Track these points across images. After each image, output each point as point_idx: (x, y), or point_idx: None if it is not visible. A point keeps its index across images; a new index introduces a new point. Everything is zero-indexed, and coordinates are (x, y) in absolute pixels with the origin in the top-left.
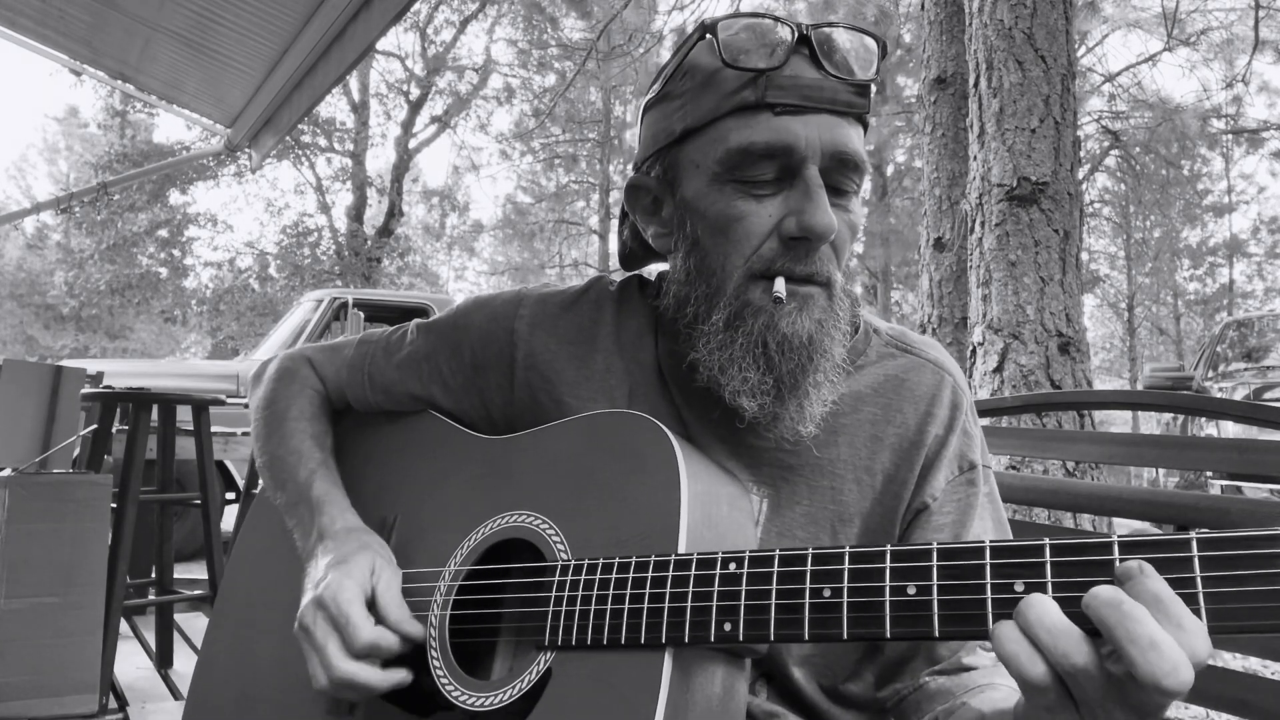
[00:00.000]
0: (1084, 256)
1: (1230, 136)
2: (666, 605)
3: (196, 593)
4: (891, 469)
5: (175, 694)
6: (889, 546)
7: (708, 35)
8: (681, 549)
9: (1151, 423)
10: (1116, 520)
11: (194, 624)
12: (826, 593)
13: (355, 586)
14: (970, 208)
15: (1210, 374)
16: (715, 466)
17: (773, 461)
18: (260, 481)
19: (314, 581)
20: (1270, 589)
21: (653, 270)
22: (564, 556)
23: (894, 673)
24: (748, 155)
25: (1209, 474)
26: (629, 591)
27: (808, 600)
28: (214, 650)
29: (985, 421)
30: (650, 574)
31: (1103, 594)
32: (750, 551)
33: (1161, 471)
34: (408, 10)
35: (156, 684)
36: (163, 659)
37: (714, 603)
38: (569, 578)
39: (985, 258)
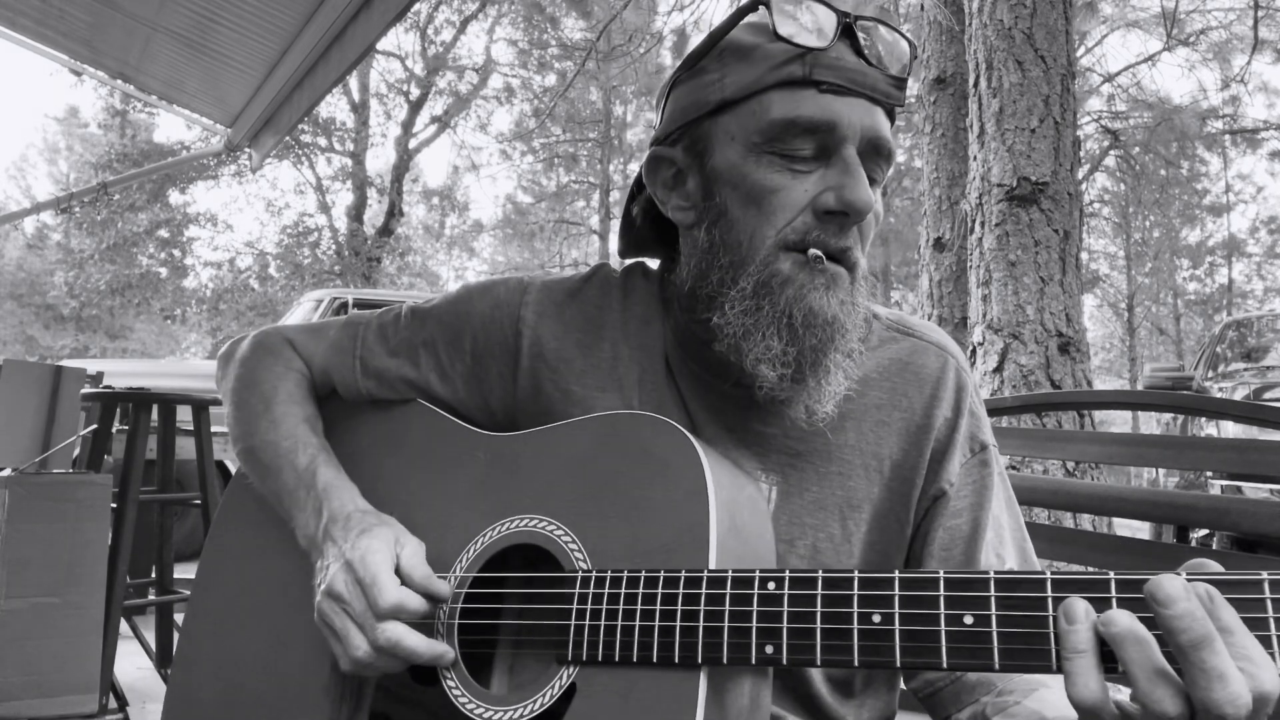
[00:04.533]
0: (1084, 256)
1: (1229, 136)
2: (701, 624)
3: None
4: (899, 455)
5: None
6: (942, 573)
7: (760, 8)
8: (712, 562)
9: (1151, 423)
10: (1116, 520)
11: None
12: (876, 618)
13: (385, 550)
14: (970, 208)
15: (1210, 374)
16: (734, 468)
17: (781, 449)
18: (242, 466)
19: (340, 554)
20: None
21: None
22: (583, 566)
23: None
24: (792, 127)
25: (1209, 474)
26: (659, 608)
27: (856, 626)
28: (193, 649)
29: None
30: (682, 590)
31: (1187, 616)
32: (790, 572)
33: (1161, 471)
34: (408, 10)
35: (156, 684)
36: (163, 659)
37: (754, 624)
38: (592, 590)
39: (985, 258)
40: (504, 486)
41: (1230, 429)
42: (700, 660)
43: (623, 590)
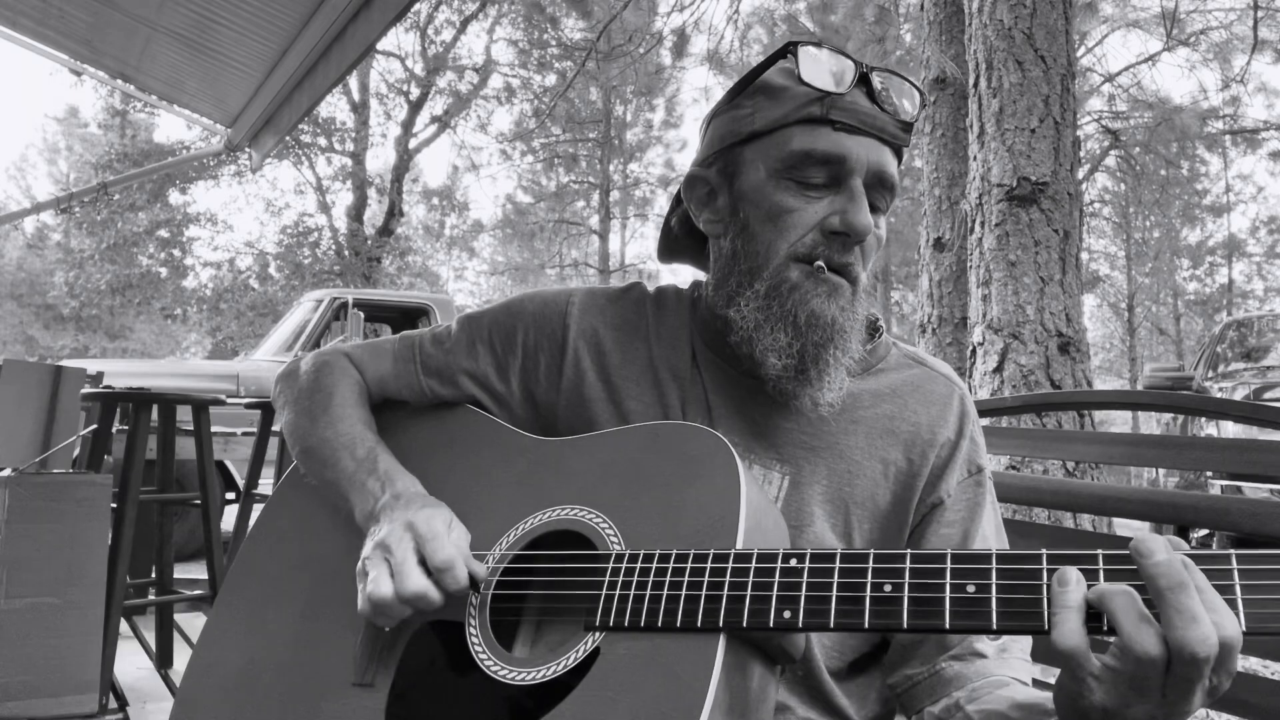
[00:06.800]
0: (1084, 256)
1: (1229, 136)
2: (726, 592)
3: (196, 593)
4: (903, 462)
5: (175, 694)
6: (949, 551)
7: (789, 55)
8: (739, 547)
9: (1151, 423)
10: (1117, 520)
11: (194, 624)
12: (888, 587)
13: (443, 521)
14: (970, 208)
15: (1210, 374)
16: (764, 491)
17: (796, 442)
18: (300, 466)
19: (400, 517)
20: None
21: (684, 280)
22: (617, 548)
23: (905, 658)
24: (808, 158)
25: (1209, 474)
26: (687, 579)
27: (869, 594)
28: (220, 628)
29: (985, 421)
30: (710, 564)
31: (1166, 564)
32: (812, 549)
33: (1161, 471)
34: (408, 10)
35: (156, 684)
36: (163, 659)
37: (774, 592)
38: (624, 565)
39: (985, 258)
40: (547, 483)
41: (1230, 429)
42: (721, 624)
43: (654, 564)
